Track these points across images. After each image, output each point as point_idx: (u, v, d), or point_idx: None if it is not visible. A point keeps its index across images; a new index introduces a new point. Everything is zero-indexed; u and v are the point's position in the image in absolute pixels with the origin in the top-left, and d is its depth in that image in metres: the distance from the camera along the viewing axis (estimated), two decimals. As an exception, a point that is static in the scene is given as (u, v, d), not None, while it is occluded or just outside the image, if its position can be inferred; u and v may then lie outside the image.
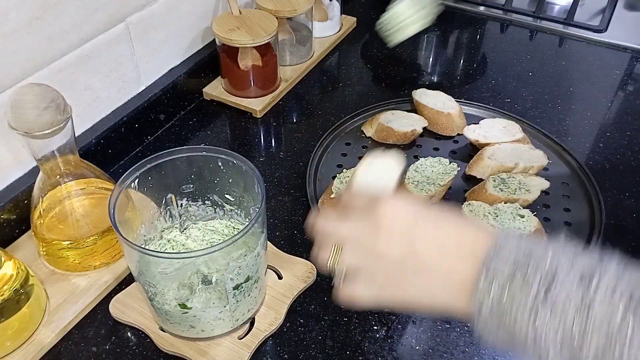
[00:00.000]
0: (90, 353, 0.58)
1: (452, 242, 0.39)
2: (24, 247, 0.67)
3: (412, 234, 0.40)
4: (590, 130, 0.88)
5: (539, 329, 0.34)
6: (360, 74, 1.01)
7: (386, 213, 0.41)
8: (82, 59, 0.71)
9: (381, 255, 0.41)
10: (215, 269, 0.53)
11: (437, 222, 0.41)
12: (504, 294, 0.35)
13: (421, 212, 0.41)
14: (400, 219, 0.41)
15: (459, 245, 0.39)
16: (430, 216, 0.41)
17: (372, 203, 0.42)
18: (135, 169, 0.55)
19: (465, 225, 0.40)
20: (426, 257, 0.40)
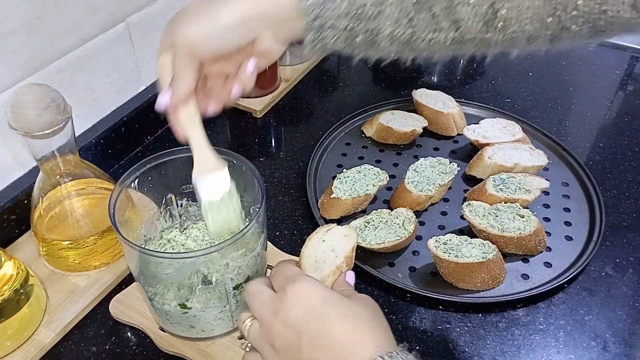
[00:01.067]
0: (90, 353, 0.58)
1: (336, 344, 0.40)
2: (24, 247, 0.67)
3: (303, 326, 0.41)
4: (590, 130, 0.89)
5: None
6: (360, 74, 1.01)
7: (289, 296, 0.42)
8: (82, 59, 0.71)
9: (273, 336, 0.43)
10: (215, 269, 0.53)
11: (333, 316, 0.41)
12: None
13: (323, 299, 0.42)
14: (298, 305, 0.42)
15: (342, 348, 0.40)
16: (330, 307, 0.41)
17: (287, 282, 0.43)
18: (135, 169, 0.55)
19: (360, 327, 0.41)
20: (307, 355, 0.41)
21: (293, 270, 0.45)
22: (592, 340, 0.60)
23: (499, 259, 0.65)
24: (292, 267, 0.46)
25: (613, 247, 0.70)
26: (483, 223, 0.68)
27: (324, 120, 0.90)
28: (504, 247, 0.67)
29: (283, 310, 0.42)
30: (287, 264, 0.47)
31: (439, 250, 0.65)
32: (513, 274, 0.66)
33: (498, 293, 0.64)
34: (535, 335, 0.60)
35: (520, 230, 0.67)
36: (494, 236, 0.66)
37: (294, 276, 0.44)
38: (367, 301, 0.44)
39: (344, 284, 0.48)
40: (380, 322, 0.42)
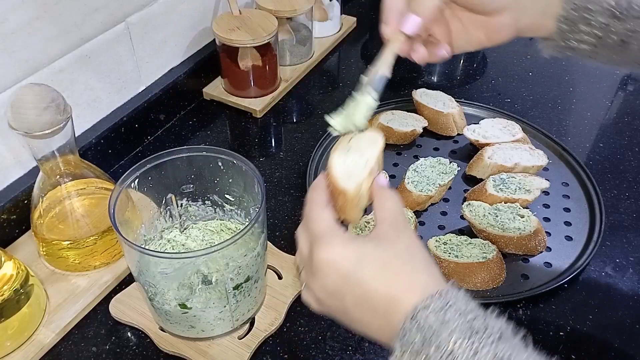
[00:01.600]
0: (90, 353, 0.58)
1: (380, 302, 0.39)
2: (24, 247, 0.67)
3: (343, 292, 0.41)
4: (590, 130, 0.89)
5: None
6: (360, 74, 1.00)
7: (320, 265, 0.41)
8: (82, 59, 0.71)
9: (318, 299, 0.43)
10: (215, 269, 0.53)
11: (370, 276, 0.40)
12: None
13: (354, 261, 0.40)
14: (332, 273, 0.41)
15: (387, 306, 0.39)
16: (364, 267, 0.40)
17: (313, 246, 0.42)
18: (135, 169, 0.55)
19: (398, 278, 0.39)
20: (356, 316, 0.41)
21: (319, 227, 0.43)
22: (593, 340, 0.60)
23: (499, 259, 0.65)
24: (318, 220, 0.43)
25: (613, 247, 0.70)
26: (483, 223, 0.68)
27: (324, 120, 0.89)
28: (504, 247, 0.67)
29: (318, 279, 0.41)
30: (314, 211, 0.44)
31: (439, 250, 0.64)
32: (513, 274, 0.66)
33: (498, 293, 0.64)
34: (535, 335, 0.60)
35: (520, 230, 0.67)
36: (494, 236, 0.66)
37: (320, 237, 0.41)
38: (401, 235, 0.42)
39: (380, 189, 0.45)
40: (419, 259, 0.41)
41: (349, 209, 0.46)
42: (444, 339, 0.35)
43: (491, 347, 0.34)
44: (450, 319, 0.36)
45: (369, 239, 0.42)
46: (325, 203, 0.45)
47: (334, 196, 0.46)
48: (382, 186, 0.45)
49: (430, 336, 0.35)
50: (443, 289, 0.38)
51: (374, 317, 0.40)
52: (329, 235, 0.42)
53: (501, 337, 0.35)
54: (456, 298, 0.37)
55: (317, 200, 0.45)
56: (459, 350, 0.34)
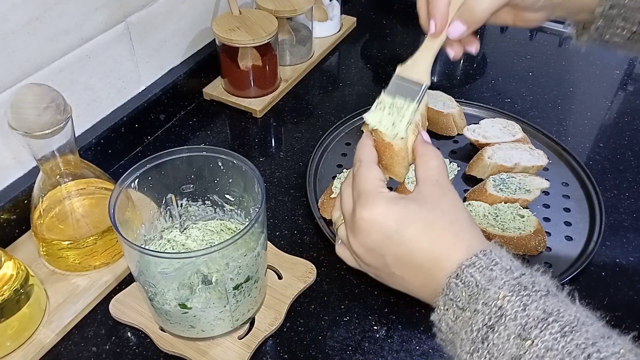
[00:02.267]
0: (90, 353, 0.58)
1: (424, 260, 0.40)
2: (24, 247, 0.67)
3: (385, 249, 0.41)
4: (590, 130, 0.89)
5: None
6: (360, 74, 1.01)
7: (362, 223, 0.41)
8: (82, 59, 0.71)
9: (358, 256, 0.43)
10: (215, 269, 0.53)
11: (414, 235, 0.40)
12: (457, 320, 0.37)
13: (398, 221, 0.40)
14: (374, 231, 0.41)
15: (431, 264, 0.39)
16: (408, 227, 0.40)
17: (357, 203, 0.42)
18: (135, 169, 0.55)
19: (442, 237, 0.40)
20: (397, 273, 0.41)
21: (365, 185, 0.42)
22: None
23: (499, 259, 0.65)
24: (365, 179, 0.43)
25: (613, 247, 0.70)
26: (483, 223, 0.68)
27: (324, 120, 0.90)
28: (508, 250, 0.67)
29: (360, 237, 0.42)
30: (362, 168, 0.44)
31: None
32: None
33: (498, 293, 0.64)
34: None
35: (520, 230, 0.67)
36: (494, 236, 0.66)
37: (365, 196, 0.42)
38: (445, 195, 0.42)
39: (423, 145, 0.45)
40: (463, 219, 0.41)
41: (395, 165, 0.45)
42: (492, 295, 0.35)
43: (540, 302, 0.34)
44: (497, 276, 0.36)
45: (413, 199, 0.41)
46: (373, 160, 0.45)
47: (380, 153, 0.46)
48: (425, 143, 0.45)
49: (477, 292, 0.36)
50: (487, 248, 0.38)
51: (416, 274, 0.40)
52: (374, 194, 0.42)
53: (548, 292, 0.35)
54: (501, 256, 0.38)
55: (365, 158, 0.45)
56: (508, 305, 0.34)
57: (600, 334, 0.33)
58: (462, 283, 0.37)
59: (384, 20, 1.15)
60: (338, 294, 0.64)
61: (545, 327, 0.33)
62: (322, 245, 0.69)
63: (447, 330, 0.38)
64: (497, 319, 0.34)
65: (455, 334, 0.37)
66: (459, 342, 0.36)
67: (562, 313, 0.34)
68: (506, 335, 0.34)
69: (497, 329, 0.34)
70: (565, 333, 0.33)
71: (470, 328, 0.35)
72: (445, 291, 0.37)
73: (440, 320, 0.38)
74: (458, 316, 0.37)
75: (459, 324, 0.36)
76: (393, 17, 1.17)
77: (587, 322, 0.34)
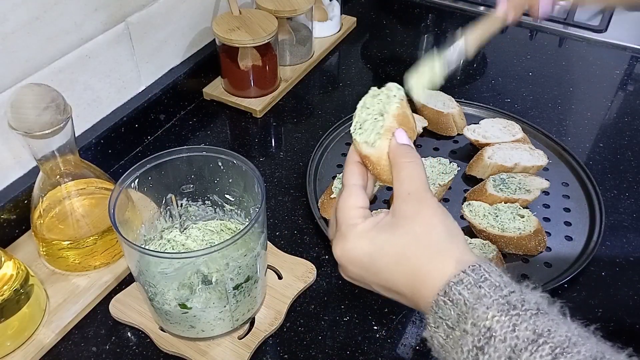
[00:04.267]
0: (90, 353, 0.58)
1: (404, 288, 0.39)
2: (24, 247, 0.67)
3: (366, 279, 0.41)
4: (590, 130, 0.89)
5: None
6: (360, 74, 1.01)
7: (339, 258, 0.42)
8: (82, 59, 0.71)
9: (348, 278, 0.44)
10: (215, 269, 0.53)
11: (387, 269, 0.40)
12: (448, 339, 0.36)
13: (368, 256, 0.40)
14: (350, 265, 0.41)
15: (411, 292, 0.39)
16: (380, 260, 0.40)
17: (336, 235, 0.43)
18: (135, 169, 0.55)
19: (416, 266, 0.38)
20: (386, 295, 0.42)
21: (340, 216, 0.42)
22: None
23: (499, 259, 0.65)
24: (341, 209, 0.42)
25: (613, 247, 0.70)
26: (483, 223, 0.68)
27: (324, 120, 0.89)
28: (504, 247, 0.67)
29: (342, 269, 0.43)
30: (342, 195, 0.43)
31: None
32: (513, 274, 0.65)
33: (498, 293, 0.63)
34: (535, 335, 0.60)
35: (520, 230, 0.67)
36: (494, 236, 0.66)
37: (339, 228, 0.42)
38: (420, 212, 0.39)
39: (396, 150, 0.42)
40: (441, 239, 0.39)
41: (381, 174, 0.44)
42: (481, 315, 0.34)
43: (530, 322, 0.33)
44: (486, 294, 0.35)
45: (384, 227, 0.40)
46: (355, 182, 0.44)
47: (366, 165, 0.44)
48: (398, 147, 0.42)
49: (465, 311, 0.35)
50: (476, 262, 0.37)
51: (402, 299, 0.41)
52: (347, 227, 0.41)
53: (539, 311, 0.34)
54: (490, 271, 0.36)
55: (347, 182, 0.44)
56: (497, 326, 0.34)
57: (593, 355, 0.32)
58: (450, 301, 0.36)
59: (384, 20, 1.15)
60: (338, 294, 0.64)
61: (535, 350, 0.32)
62: (322, 245, 0.69)
63: (440, 348, 0.37)
64: (487, 341, 0.33)
65: (447, 352, 0.36)
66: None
67: (552, 333, 0.33)
68: (496, 357, 0.33)
69: (486, 351, 0.33)
70: (557, 355, 0.32)
71: (460, 348, 0.35)
72: (435, 309, 0.37)
73: (432, 337, 0.37)
74: (449, 335, 0.36)
75: (450, 342, 0.36)
76: (393, 17, 1.17)
77: (579, 342, 0.33)
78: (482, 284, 0.36)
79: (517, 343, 0.33)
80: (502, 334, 0.33)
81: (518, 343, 0.33)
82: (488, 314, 0.34)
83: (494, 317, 0.34)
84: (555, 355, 0.32)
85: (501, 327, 0.33)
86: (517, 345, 0.33)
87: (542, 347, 0.32)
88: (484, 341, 0.34)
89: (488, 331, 0.34)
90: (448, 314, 0.36)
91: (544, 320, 0.33)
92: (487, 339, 0.34)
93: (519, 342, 0.33)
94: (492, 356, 0.33)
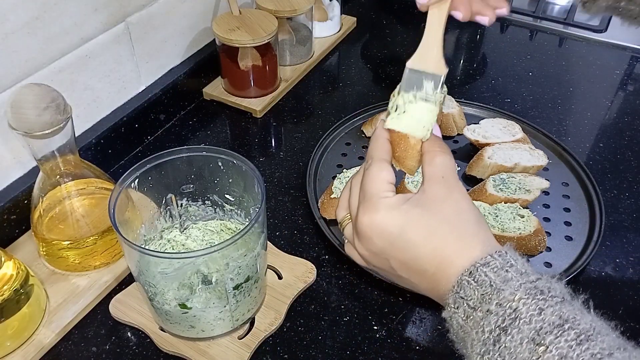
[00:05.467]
0: (90, 353, 0.58)
1: (428, 266, 0.39)
2: (24, 247, 0.67)
3: (388, 254, 0.41)
4: (590, 130, 0.89)
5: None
6: (360, 74, 1.01)
7: (364, 229, 0.41)
8: (82, 59, 0.71)
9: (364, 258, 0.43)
10: (215, 269, 0.53)
11: (416, 242, 0.39)
12: (468, 320, 0.36)
13: (399, 227, 0.40)
14: (376, 237, 0.41)
15: (435, 270, 0.39)
16: (410, 233, 0.40)
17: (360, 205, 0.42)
18: (135, 169, 0.55)
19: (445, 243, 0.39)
20: (403, 275, 0.41)
21: (371, 187, 0.42)
22: (592, 340, 0.60)
23: (499, 259, 0.65)
24: (372, 180, 0.42)
25: (613, 247, 0.70)
26: (483, 223, 0.68)
27: (324, 120, 0.90)
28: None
29: (363, 241, 0.41)
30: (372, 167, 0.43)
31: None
32: (513, 274, 0.66)
33: (498, 293, 0.63)
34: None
35: (520, 230, 0.67)
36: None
37: (369, 199, 0.41)
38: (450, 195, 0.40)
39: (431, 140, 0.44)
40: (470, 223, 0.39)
41: (407, 158, 0.45)
42: (507, 296, 0.34)
43: (556, 308, 0.33)
44: (513, 277, 0.35)
45: (416, 202, 0.40)
46: (385, 158, 0.44)
47: (394, 145, 0.45)
48: (434, 138, 0.44)
49: (490, 293, 0.35)
50: (503, 249, 0.37)
51: (422, 279, 0.40)
52: (377, 199, 0.41)
53: (564, 299, 0.34)
54: (516, 259, 0.37)
55: (378, 155, 0.44)
56: (524, 308, 0.34)
57: (617, 345, 0.32)
58: (474, 282, 0.36)
59: (384, 20, 1.15)
60: (338, 294, 0.64)
61: (560, 334, 0.32)
62: (322, 245, 0.69)
63: (459, 328, 0.37)
64: (511, 321, 0.34)
65: (466, 333, 0.36)
66: (469, 341, 0.36)
67: (578, 321, 0.33)
68: (519, 338, 0.33)
69: (510, 332, 0.33)
70: (581, 341, 0.32)
71: (482, 329, 0.35)
72: (456, 289, 0.37)
73: (451, 317, 0.37)
74: (469, 315, 0.36)
75: (469, 323, 0.36)
76: (393, 17, 1.17)
77: (603, 332, 0.33)
78: (508, 269, 0.36)
79: (543, 326, 0.33)
80: (527, 316, 0.33)
81: (543, 326, 0.33)
82: (515, 295, 0.34)
83: (520, 299, 0.34)
84: (580, 341, 0.32)
85: (527, 309, 0.34)
86: (542, 328, 0.33)
87: (568, 332, 0.32)
88: (509, 322, 0.34)
89: (514, 312, 0.34)
90: (471, 294, 0.36)
91: (569, 309, 0.34)
92: (511, 320, 0.34)
93: (545, 325, 0.33)
94: (515, 337, 0.33)
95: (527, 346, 0.33)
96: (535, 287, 0.35)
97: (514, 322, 0.33)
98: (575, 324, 0.33)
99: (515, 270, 0.36)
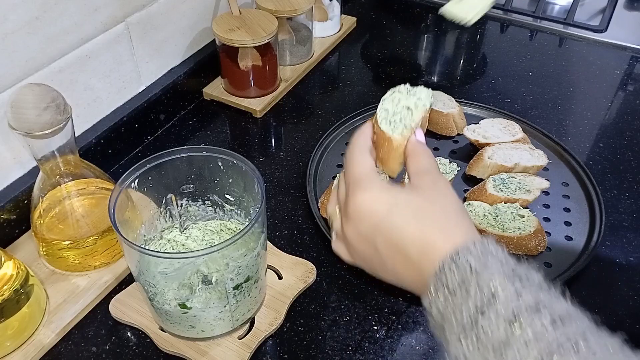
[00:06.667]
0: (90, 353, 0.58)
1: (413, 248, 0.39)
2: (24, 247, 0.67)
3: (375, 236, 0.41)
4: (590, 130, 0.89)
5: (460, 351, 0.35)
6: (360, 74, 1.01)
7: (354, 208, 0.42)
8: (82, 59, 0.71)
9: (350, 245, 0.44)
10: (215, 269, 0.53)
11: (403, 221, 0.40)
12: (447, 304, 0.37)
13: (388, 206, 0.41)
14: (365, 216, 0.41)
15: (420, 252, 0.39)
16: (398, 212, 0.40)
17: (349, 189, 0.43)
18: (135, 169, 0.55)
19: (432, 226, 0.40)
20: (388, 262, 0.41)
21: (358, 171, 0.43)
22: (592, 340, 0.60)
23: (499, 259, 0.65)
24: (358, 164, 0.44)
25: (613, 247, 0.70)
26: (483, 223, 0.68)
27: (324, 120, 0.90)
28: (504, 247, 0.67)
29: (352, 222, 0.42)
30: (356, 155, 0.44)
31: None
32: (513, 274, 0.66)
33: (498, 293, 0.64)
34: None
35: (520, 230, 0.67)
36: (494, 236, 0.66)
37: (358, 181, 0.42)
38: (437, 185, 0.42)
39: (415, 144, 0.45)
40: (455, 210, 0.41)
41: (390, 160, 0.46)
42: (485, 280, 0.35)
43: (533, 292, 0.34)
44: (493, 263, 0.36)
45: (404, 189, 0.42)
46: (368, 148, 0.46)
47: (377, 145, 0.46)
48: (417, 142, 0.46)
49: (469, 277, 0.36)
50: (484, 239, 0.38)
51: (406, 265, 0.40)
52: (367, 179, 0.42)
53: (541, 286, 0.35)
54: (496, 249, 0.38)
55: (361, 145, 0.46)
56: (501, 291, 0.34)
57: (590, 329, 0.33)
58: (456, 266, 0.37)
59: (384, 20, 1.15)
60: (338, 294, 0.64)
61: (536, 316, 0.33)
62: (322, 245, 0.69)
63: (438, 315, 0.37)
64: (489, 304, 0.34)
65: (445, 318, 0.37)
66: (448, 326, 0.36)
67: (554, 305, 0.34)
68: (495, 320, 0.33)
69: (487, 314, 0.34)
70: (556, 323, 0.33)
71: (460, 312, 0.35)
72: (438, 275, 0.37)
73: (431, 305, 0.38)
74: (447, 299, 0.36)
75: (449, 308, 0.36)
76: (393, 17, 1.17)
77: (578, 317, 0.34)
78: (489, 256, 0.37)
79: (520, 308, 0.33)
80: (505, 299, 0.34)
81: (520, 308, 0.33)
82: (493, 278, 0.35)
83: (499, 284, 0.35)
84: (554, 323, 0.32)
85: (505, 293, 0.34)
86: (520, 311, 0.33)
87: (544, 314, 0.33)
88: (486, 304, 0.34)
89: (492, 295, 0.34)
90: (451, 278, 0.36)
91: (546, 295, 0.35)
92: (489, 302, 0.34)
93: (522, 307, 0.33)
94: (492, 320, 0.34)
95: (503, 326, 0.33)
96: (514, 273, 0.36)
97: (491, 305, 0.34)
98: (551, 308, 0.33)
99: (495, 258, 0.37)
